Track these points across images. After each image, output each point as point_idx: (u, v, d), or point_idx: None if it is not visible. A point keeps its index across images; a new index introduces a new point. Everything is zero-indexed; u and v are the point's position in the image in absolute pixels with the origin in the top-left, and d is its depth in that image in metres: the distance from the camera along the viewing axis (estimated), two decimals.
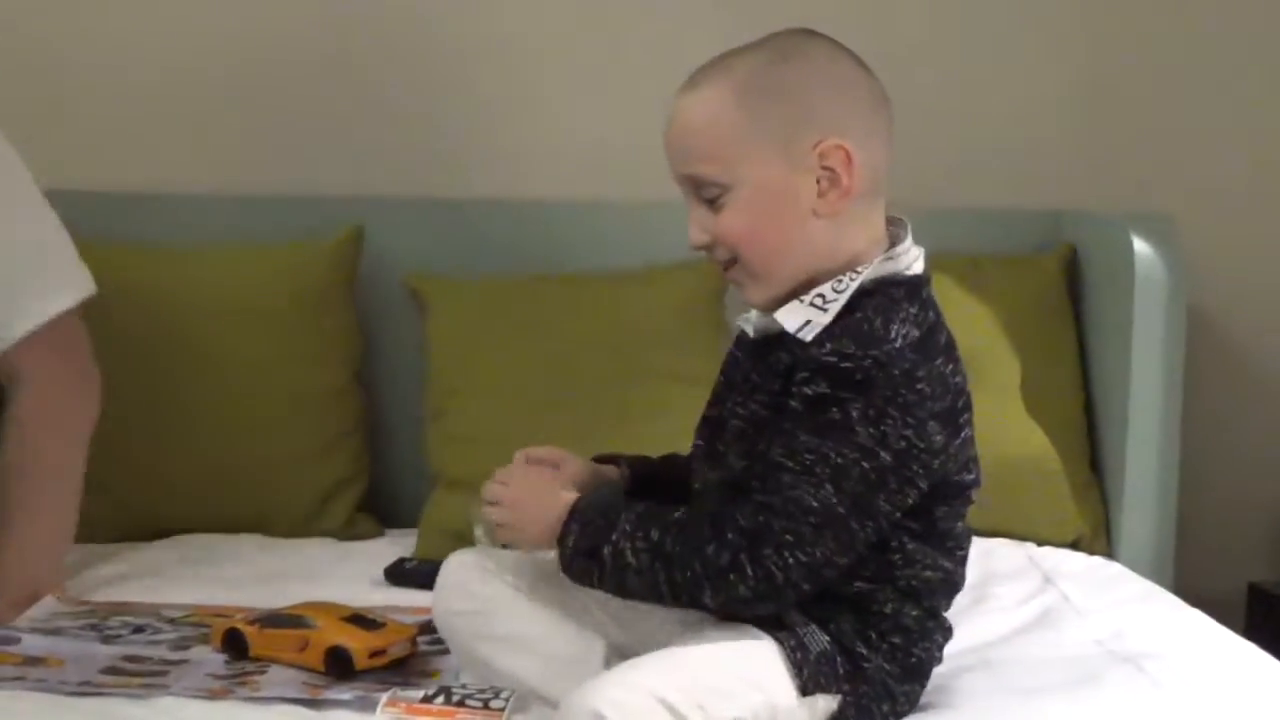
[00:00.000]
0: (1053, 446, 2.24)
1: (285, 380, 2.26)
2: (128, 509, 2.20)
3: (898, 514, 1.41)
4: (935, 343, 1.43)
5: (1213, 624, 1.81)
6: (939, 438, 1.40)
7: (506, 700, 1.48)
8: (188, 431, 2.22)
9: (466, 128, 2.48)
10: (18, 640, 1.69)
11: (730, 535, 1.37)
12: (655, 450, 1.67)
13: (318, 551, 2.18)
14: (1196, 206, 2.46)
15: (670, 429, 1.89)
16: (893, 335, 1.40)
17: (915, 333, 1.41)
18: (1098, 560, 2.17)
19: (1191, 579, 2.23)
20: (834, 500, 1.37)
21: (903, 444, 1.38)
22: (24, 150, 2.25)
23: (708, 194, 1.45)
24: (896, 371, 1.38)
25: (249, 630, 1.66)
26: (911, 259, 1.47)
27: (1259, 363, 2.59)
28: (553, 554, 1.48)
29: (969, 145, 2.52)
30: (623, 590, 1.44)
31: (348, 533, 2.25)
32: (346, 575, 2.00)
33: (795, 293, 1.45)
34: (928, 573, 1.46)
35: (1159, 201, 2.45)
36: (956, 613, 1.84)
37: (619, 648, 1.52)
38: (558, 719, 1.33)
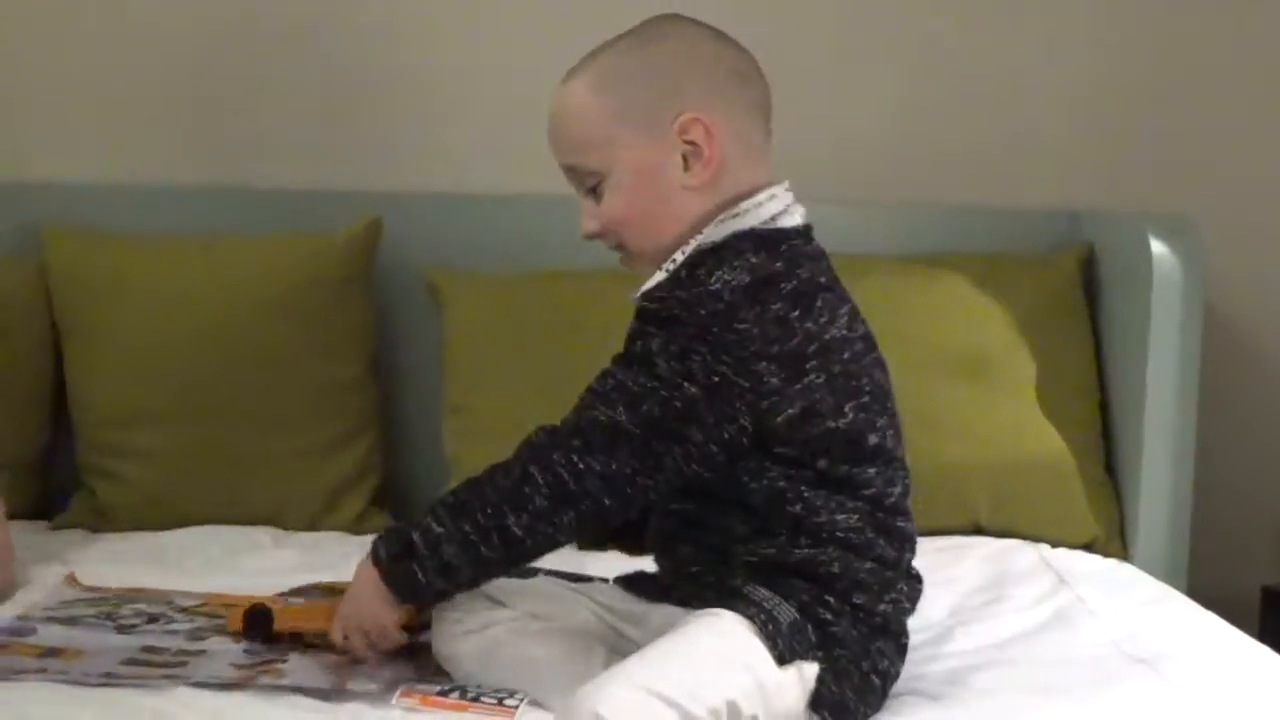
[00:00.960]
0: (1067, 447, 2.24)
1: (300, 373, 2.26)
2: (141, 500, 2.21)
3: (714, 446, 1.43)
4: (774, 291, 1.45)
5: (1227, 627, 1.81)
6: (773, 380, 1.43)
7: (520, 700, 1.50)
8: (202, 423, 2.22)
9: (483, 122, 2.48)
10: (34, 631, 1.69)
11: (521, 453, 1.46)
12: None
13: (331, 545, 2.17)
14: (1215, 206, 2.46)
15: None
16: (713, 281, 1.44)
17: (745, 278, 1.44)
18: (1111, 562, 2.17)
19: (1205, 582, 2.23)
20: (624, 419, 1.43)
21: (716, 379, 1.42)
22: (34, 142, 2.26)
23: (588, 183, 1.53)
24: (704, 311, 1.42)
25: (275, 604, 1.65)
26: (767, 214, 1.50)
27: (1277, 365, 2.58)
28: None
29: (986, 144, 2.52)
30: (448, 572, 1.48)
31: (362, 527, 2.25)
32: None
33: None
34: (840, 517, 1.47)
35: (1177, 201, 2.44)
36: (969, 609, 1.86)
37: (617, 650, 1.53)
38: None
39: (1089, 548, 2.22)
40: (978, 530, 2.22)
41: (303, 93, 2.47)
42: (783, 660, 1.41)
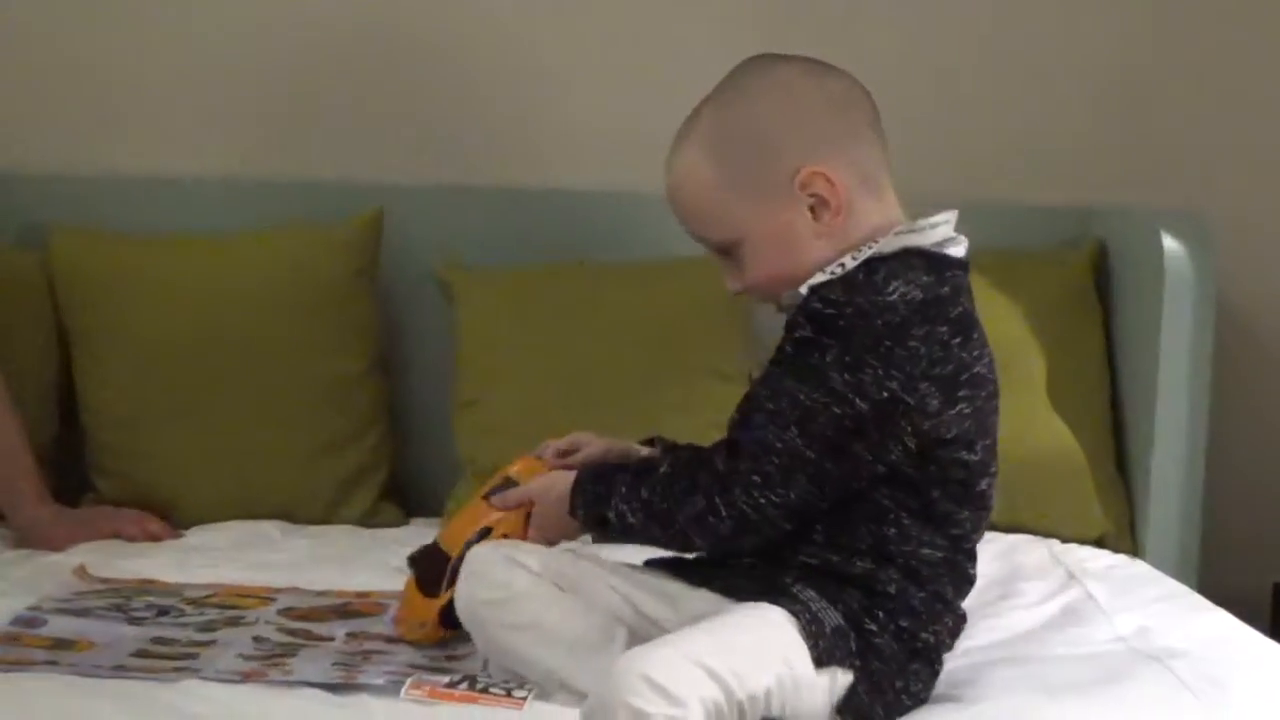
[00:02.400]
0: (1078, 443, 2.24)
1: (305, 367, 2.25)
2: (150, 499, 2.20)
3: (880, 466, 1.45)
4: (942, 313, 1.46)
5: (1238, 624, 1.81)
6: (934, 402, 1.43)
7: (529, 691, 1.50)
8: (209, 420, 2.22)
9: (492, 114, 2.48)
10: (44, 622, 1.70)
11: (704, 481, 1.47)
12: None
13: (341, 537, 2.18)
14: (1228, 202, 2.45)
15: (699, 421, 1.89)
16: (890, 290, 1.44)
17: (918, 294, 1.45)
18: (1122, 558, 2.16)
19: (1216, 578, 2.23)
20: (799, 443, 1.43)
21: (885, 395, 1.42)
22: (40, 134, 2.23)
23: (722, 249, 1.53)
24: (880, 322, 1.42)
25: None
26: (939, 236, 1.50)
27: None
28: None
29: (998, 140, 2.52)
30: (637, 542, 1.57)
31: (371, 521, 2.26)
32: (370, 561, 2.00)
33: None
34: (925, 550, 1.48)
35: (1190, 197, 2.44)
36: (980, 605, 1.85)
37: (638, 633, 1.53)
38: (601, 689, 1.34)
39: (1099, 544, 2.21)
40: (988, 525, 2.21)
41: (305, 86, 2.46)
42: (820, 663, 1.42)
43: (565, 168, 2.48)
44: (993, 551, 2.10)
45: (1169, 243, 2.19)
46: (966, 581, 1.55)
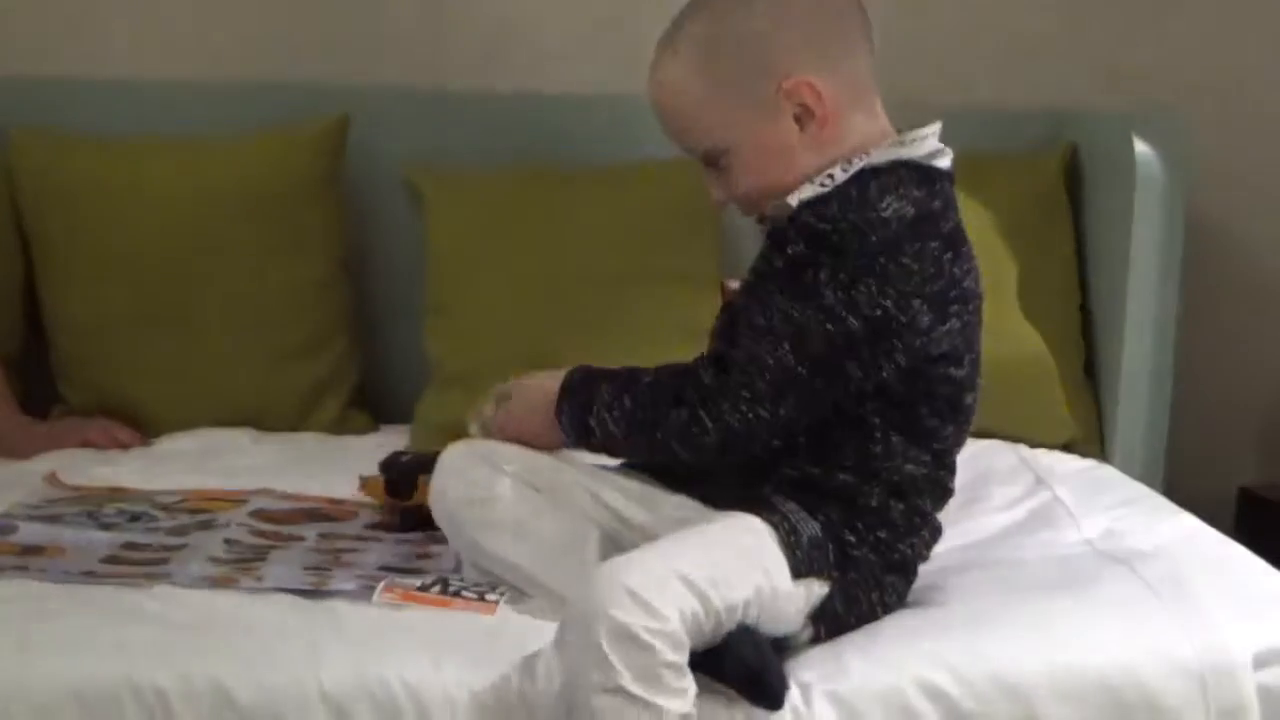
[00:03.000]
0: (1047, 348, 2.24)
1: (271, 273, 2.23)
2: (116, 405, 2.19)
3: (869, 386, 1.45)
4: (934, 229, 1.46)
5: (1203, 526, 1.82)
6: (925, 319, 1.43)
7: (501, 595, 1.51)
8: (175, 325, 2.20)
9: (460, 17, 2.44)
10: (15, 529, 1.69)
11: (689, 393, 1.45)
12: (653, 349, 1.66)
13: (311, 444, 2.18)
14: (1201, 106, 2.44)
15: (670, 327, 1.89)
16: (883, 205, 1.44)
17: (910, 210, 1.44)
18: (1090, 463, 2.18)
19: (1183, 482, 2.24)
20: (791, 360, 1.42)
21: (878, 313, 1.42)
22: (2, 36, 2.19)
23: (708, 159, 1.51)
24: (875, 238, 1.42)
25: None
26: (928, 149, 1.49)
27: (1258, 266, 2.58)
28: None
29: (967, 41, 2.50)
30: (620, 454, 1.56)
31: (341, 428, 2.25)
32: (342, 467, 2.00)
33: None
34: (909, 467, 1.49)
35: (1163, 99, 2.42)
36: (948, 510, 1.85)
37: (612, 537, 1.54)
38: (583, 598, 1.33)
39: (1068, 448, 2.23)
40: None
41: None
42: (798, 574, 1.43)
43: (536, 71, 2.45)
44: (962, 456, 2.07)
45: (1141, 146, 2.18)
46: (946, 495, 1.56)
